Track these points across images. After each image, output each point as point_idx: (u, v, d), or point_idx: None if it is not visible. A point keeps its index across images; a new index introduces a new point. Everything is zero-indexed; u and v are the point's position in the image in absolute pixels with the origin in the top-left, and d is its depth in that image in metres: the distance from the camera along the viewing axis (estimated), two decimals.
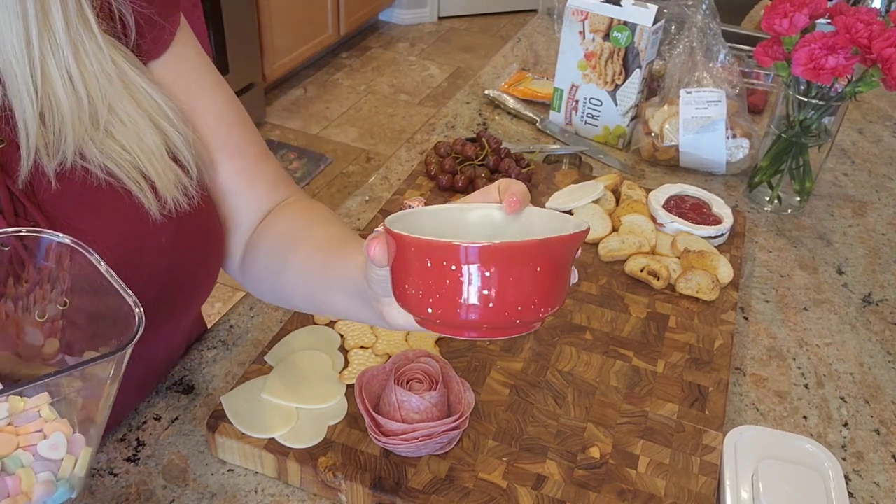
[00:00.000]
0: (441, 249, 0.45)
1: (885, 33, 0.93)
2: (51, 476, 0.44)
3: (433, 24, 4.34)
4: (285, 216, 0.72)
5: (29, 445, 0.43)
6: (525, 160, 1.11)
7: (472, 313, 0.46)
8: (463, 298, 0.46)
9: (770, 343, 0.90)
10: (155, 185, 0.61)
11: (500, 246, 0.45)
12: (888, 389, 0.85)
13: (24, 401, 0.44)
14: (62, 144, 0.55)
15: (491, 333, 0.49)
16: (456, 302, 0.46)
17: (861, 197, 1.20)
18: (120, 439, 0.73)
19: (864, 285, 1.00)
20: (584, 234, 0.49)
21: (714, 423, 0.74)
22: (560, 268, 0.48)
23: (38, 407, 0.44)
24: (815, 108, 1.05)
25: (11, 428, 0.43)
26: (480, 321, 0.46)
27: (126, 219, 0.60)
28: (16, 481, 0.42)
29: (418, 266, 0.47)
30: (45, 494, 0.43)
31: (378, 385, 0.71)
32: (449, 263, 0.46)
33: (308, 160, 3.04)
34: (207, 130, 0.67)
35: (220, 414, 0.71)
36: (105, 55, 0.56)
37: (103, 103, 0.56)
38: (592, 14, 1.19)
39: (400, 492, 0.66)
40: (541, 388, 0.77)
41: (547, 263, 0.47)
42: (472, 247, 0.45)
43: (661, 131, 1.19)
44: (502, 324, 0.49)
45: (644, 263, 0.92)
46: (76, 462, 0.45)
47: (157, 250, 0.63)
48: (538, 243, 0.45)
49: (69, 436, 0.45)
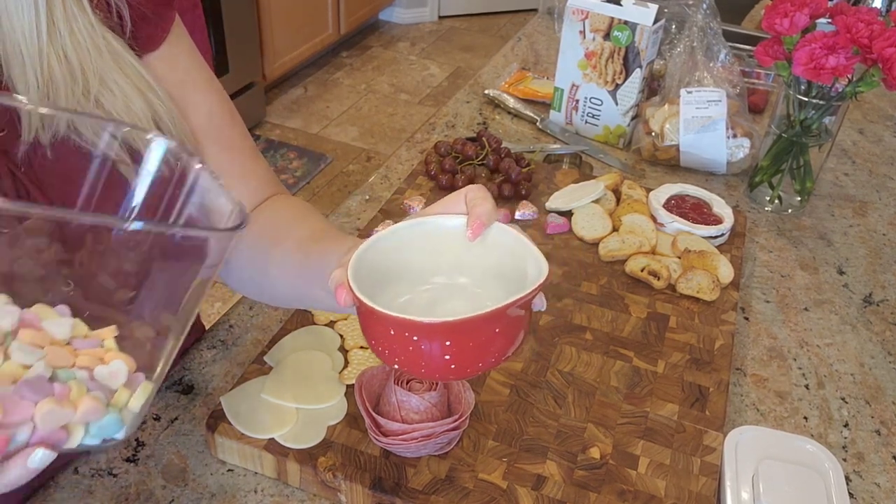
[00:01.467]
0: (401, 324, 0.46)
1: (886, 33, 0.93)
2: (102, 398, 0.42)
3: (433, 23, 4.34)
4: (268, 211, 0.73)
5: (86, 367, 0.42)
6: (525, 160, 1.11)
7: (435, 373, 0.49)
8: (425, 364, 0.48)
9: (770, 343, 0.90)
10: None
11: (458, 322, 0.46)
12: (889, 390, 0.85)
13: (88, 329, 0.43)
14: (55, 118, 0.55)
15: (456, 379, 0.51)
16: (419, 365, 0.49)
17: (862, 197, 1.19)
18: None
19: (864, 285, 1.00)
20: (545, 283, 0.49)
21: (714, 423, 0.74)
22: (519, 320, 0.50)
23: (104, 337, 0.43)
24: (816, 108, 1.05)
25: (70, 348, 0.42)
26: (444, 377, 0.49)
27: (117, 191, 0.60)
28: (65, 389, 0.40)
29: (381, 331, 0.49)
30: (92, 412, 0.41)
31: (378, 385, 0.71)
32: (410, 335, 0.47)
33: (308, 159, 3.04)
34: (199, 124, 0.68)
35: (220, 414, 0.71)
36: (96, 31, 0.57)
37: (94, 75, 0.57)
38: (593, 13, 1.18)
39: (400, 492, 0.65)
40: (541, 388, 0.77)
41: (505, 324, 0.48)
42: (431, 323, 0.46)
43: (662, 131, 1.19)
44: (465, 377, 0.52)
45: (644, 263, 0.92)
46: (131, 396, 0.43)
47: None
48: (496, 312, 0.46)
49: (130, 369, 0.43)
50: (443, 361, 0.48)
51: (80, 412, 0.41)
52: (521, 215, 1.02)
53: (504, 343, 0.50)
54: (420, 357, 0.48)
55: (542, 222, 1.02)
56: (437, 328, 0.46)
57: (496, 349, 0.50)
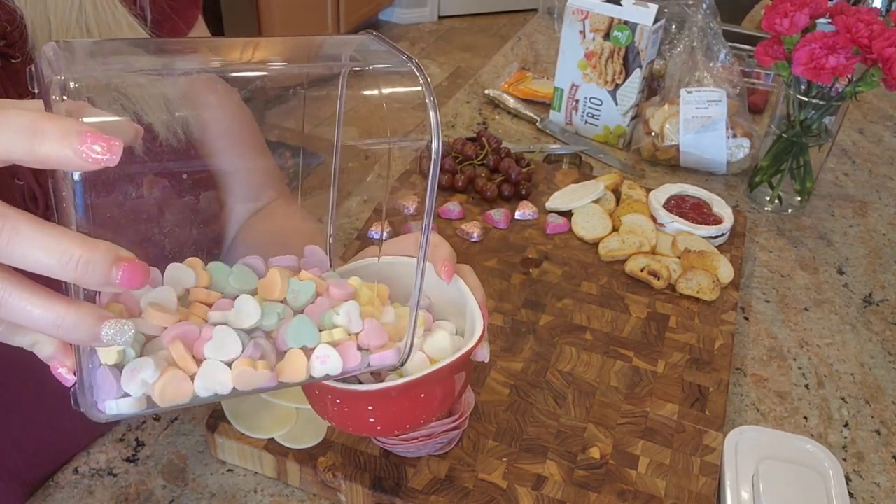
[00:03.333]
0: (326, 390, 0.48)
1: (886, 33, 0.93)
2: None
3: (433, 23, 4.34)
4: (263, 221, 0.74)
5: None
6: (525, 160, 1.11)
7: (364, 433, 0.51)
8: (352, 424, 0.51)
9: (770, 343, 0.90)
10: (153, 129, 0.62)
11: (376, 391, 0.47)
12: (889, 390, 0.85)
13: None
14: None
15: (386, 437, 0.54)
16: (347, 424, 0.51)
17: (862, 197, 1.19)
18: (119, 439, 0.73)
19: (864, 285, 1.00)
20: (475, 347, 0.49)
21: (714, 423, 0.74)
22: (449, 383, 0.50)
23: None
24: (816, 108, 1.05)
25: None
26: (375, 435, 0.51)
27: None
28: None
29: (310, 392, 0.51)
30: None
31: None
32: (334, 398, 0.49)
33: (304, 158, 3.04)
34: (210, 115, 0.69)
35: (220, 414, 0.71)
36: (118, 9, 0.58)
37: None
38: (593, 13, 1.18)
39: (400, 492, 0.65)
40: (541, 388, 0.77)
41: (431, 389, 0.49)
42: (351, 391, 0.47)
43: (662, 131, 1.19)
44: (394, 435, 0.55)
45: (644, 263, 0.92)
46: None
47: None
48: (416, 381, 0.47)
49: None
50: (367, 424, 0.50)
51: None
52: (520, 215, 1.02)
53: (432, 404, 0.51)
54: (346, 417, 0.50)
55: (542, 222, 1.02)
56: (357, 395, 0.48)
57: (423, 411, 0.51)
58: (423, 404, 0.50)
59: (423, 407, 0.50)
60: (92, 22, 0.56)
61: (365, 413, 0.49)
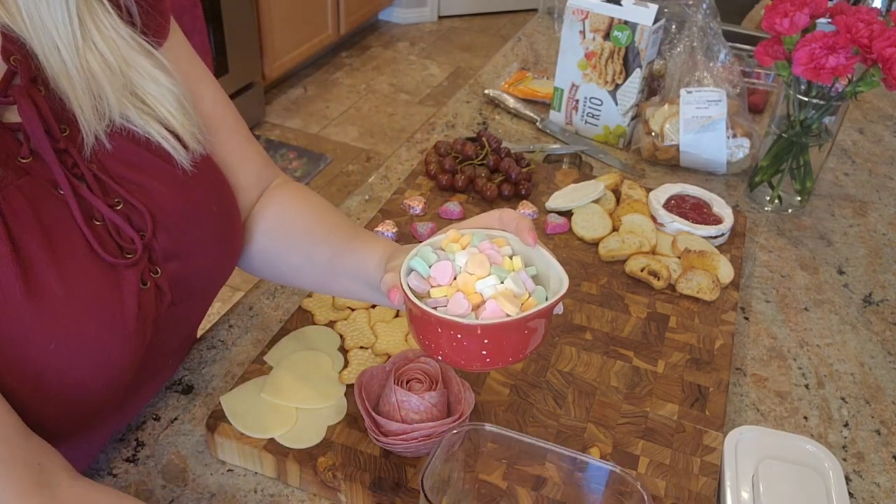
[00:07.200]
0: (450, 325, 0.54)
1: (886, 33, 0.93)
2: None
3: (433, 23, 4.34)
4: (281, 197, 0.77)
5: None
6: (525, 160, 1.11)
7: (474, 366, 0.57)
8: (466, 358, 0.56)
9: (770, 343, 0.90)
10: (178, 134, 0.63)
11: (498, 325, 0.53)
12: (889, 390, 0.85)
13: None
14: (105, 108, 0.58)
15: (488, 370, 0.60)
16: (461, 358, 0.56)
17: (862, 197, 1.19)
18: (119, 439, 0.73)
19: (864, 285, 1.00)
20: (566, 294, 0.56)
21: (714, 423, 0.74)
22: (546, 321, 0.58)
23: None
24: (816, 108, 1.05)
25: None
26: (480, 368, 0.57)
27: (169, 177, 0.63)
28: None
29: (430, 329, 0.56)
30: None
31: (378, 385, 0.71)
32: (455, 333, 0.54)
33: (308, 160, 3.04)
34: (204, 110, 0.70)
35: (220, 414, 0.71)
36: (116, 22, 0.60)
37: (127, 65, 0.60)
38: (593, 13, 1.18)
39: (400, 492, 0.65)
40: (541, 388, 0.77)
41: (534, 326, 0.56)
42: (475, 325, 0.53)
43: (662, 131, 1.19)
44: (498, 368, 0.66)
45: (644, 263, 0.92)
46: None
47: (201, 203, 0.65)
48: (529, 317, 0.54)
49: None
50: (480, 357, 0.55)
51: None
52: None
53: (533, 340, 0.57)
54: (463, 354, 0.56)
55: (541, 222, 1.02)
56: (482, 329, 0.54)
57: (525, 346, 0.57)
58: (525, 339, 0.56)
59: (525, 340, 0.56)
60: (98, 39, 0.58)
61: (480, 346, 0.55)
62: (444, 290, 0.56)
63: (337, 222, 0.75)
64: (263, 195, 0.77)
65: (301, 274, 0.75)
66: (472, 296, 0.55)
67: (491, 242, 0.59)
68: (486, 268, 0.56)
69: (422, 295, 0.57)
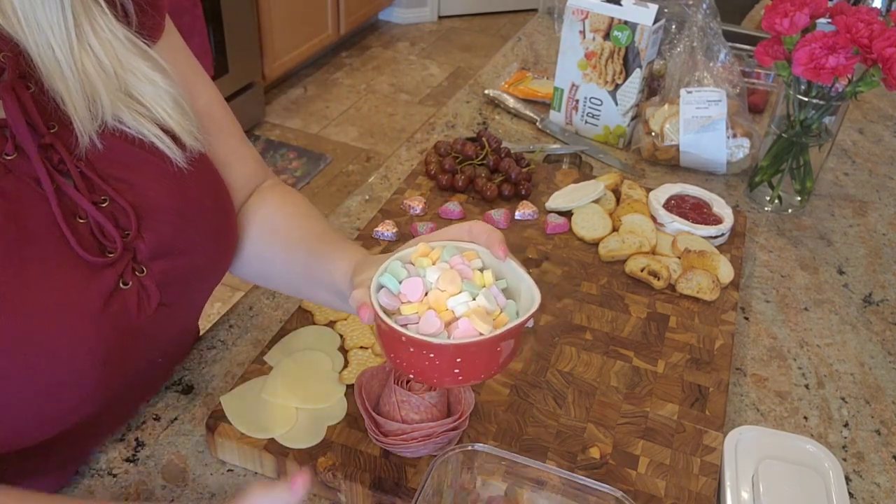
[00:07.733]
0: (422, 345, 0.53)
1: (886, 33, 0.93)
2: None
3: (433, 23, 4.34)
4: (270, 201, 0.77)
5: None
6: (525, 160, 1.11)
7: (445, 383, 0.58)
8: (438, 376, 0.56)
9: (770, 343, 0.90)
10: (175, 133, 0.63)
11: (470, 344, 0.53)
12: (889, 390, 0.85)
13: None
14: (99, 109, 0.58)
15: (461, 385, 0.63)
16: (433, 376, 0.56)
17: (862, 197, 1.19)
18: (119, 439, 0.73)
19: (864, 285, 1.00)
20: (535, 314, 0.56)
21: (714, 423, 0.74)
22: (518, 336, 0.57)
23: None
24: (816, 108, 1.05)
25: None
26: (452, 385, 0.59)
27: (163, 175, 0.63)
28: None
29: (402, 348, 0.55)
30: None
31: (378, 385, 0.71)
32: (428, 353, 0.54)
33: (308, 160, 3.04)
34: (199, 109, 0.70)
35: (220, 414, 0.71)
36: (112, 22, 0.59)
37: (122, 67, 0.60)
38: (593, 13, 1.18)
39: (400, 492, 0.65)
40: (541, 388, 0.77)
41: (506, 343, 0.56)
42: (449, 344, 0.53)
43: (662, 131, 1.19)
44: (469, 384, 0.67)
45: (644, 263, 0.92)
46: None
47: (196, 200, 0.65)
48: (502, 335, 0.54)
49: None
50: (452, 373, 0.55)
51: None
52: (520, 215, 1.02)
53: (505, 357, 0.57)
54: (434, 372, 0.55)
55: (541, 222, 1.02)
56: (451, 348, 0.53)
57: (496, 361, 0.56)
58: (497, 355, 0.56)
59: (497, 357, 0.56)
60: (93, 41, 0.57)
61: (452, 364, 0.54)
62: (416, 307, 0.55)
63: (313, 228, 0.74)
64: (252, 197, 0.77)
65: (283, 280, 0.75)
66: (444, 313, 0.55)
67: (461, 256, 0.58)
68: (458, 284, 0.55)
69: (392, 311, 0.56)
